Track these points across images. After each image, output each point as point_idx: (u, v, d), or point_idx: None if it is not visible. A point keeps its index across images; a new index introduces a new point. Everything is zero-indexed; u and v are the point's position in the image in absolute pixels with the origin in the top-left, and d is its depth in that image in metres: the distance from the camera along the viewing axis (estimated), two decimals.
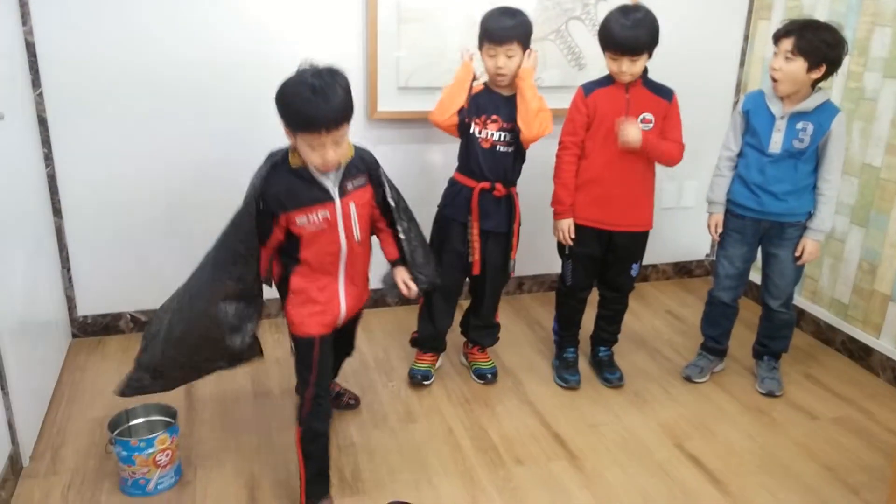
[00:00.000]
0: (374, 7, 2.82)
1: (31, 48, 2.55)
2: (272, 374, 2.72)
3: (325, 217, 1.90)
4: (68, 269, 2.82)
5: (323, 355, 1.99)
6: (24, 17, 2.52)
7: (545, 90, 2.95)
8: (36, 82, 2.59)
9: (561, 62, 3.11)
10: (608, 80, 2.50)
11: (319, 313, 1.99)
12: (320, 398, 1.98)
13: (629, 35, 2.35)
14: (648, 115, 2.47)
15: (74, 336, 2.92)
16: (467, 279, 2.67)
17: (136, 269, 2.89)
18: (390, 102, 2.94)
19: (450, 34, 2.92)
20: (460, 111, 2.45)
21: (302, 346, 1.99)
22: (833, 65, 2.36)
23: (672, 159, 2.53)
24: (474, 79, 2.47)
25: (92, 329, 2.93)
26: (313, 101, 1.74)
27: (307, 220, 1.89)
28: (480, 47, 2.42)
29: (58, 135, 2.67)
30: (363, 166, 2.01)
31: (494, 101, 2.46)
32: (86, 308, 2.90)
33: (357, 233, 1.96)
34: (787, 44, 2.35)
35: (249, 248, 1.88)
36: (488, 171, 2.47)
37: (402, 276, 2.13)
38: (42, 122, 2.64)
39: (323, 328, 2.00)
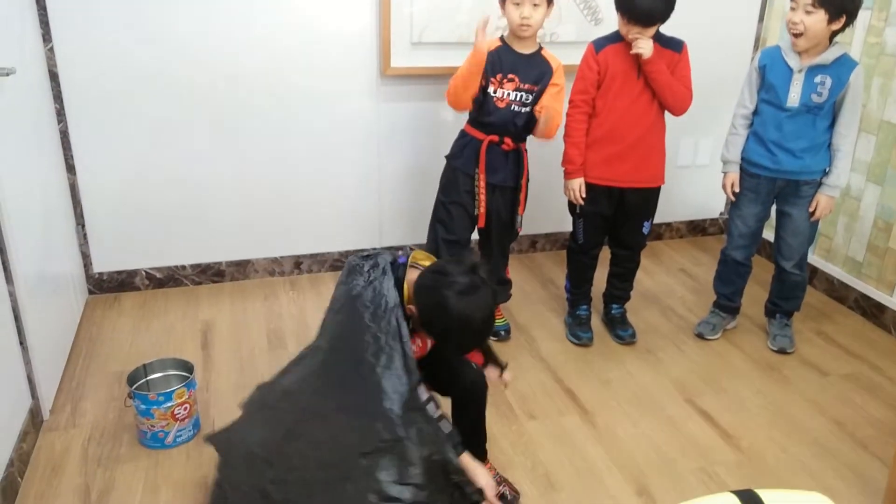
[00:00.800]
0: None
1: (40, 0, 2.51)
2: (287, 328, 2.74)
3: (418, 345, 1.83)
4: (83, 226, 2.82)
5: None
6: None
7: (560, 45, 2.93)
8: (47, 36, 2.56)
9: (577, 17, 3.05)
10: (619, 37, 2.45)
11: None
12: None
13: (645, 8, 2.30)
14: None
15: (90, 293, 2.94)
16: (476, 237, 2.67)
17: (150, 225, 2.90)
18: (403, 58, 2.90)
19: None
20: None
21: None
22: (851, 16, 2.33)
23: (679, 100, 2.47)
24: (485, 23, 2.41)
25: (108, 286, 2.95)
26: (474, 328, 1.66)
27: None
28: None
29: (70, 89, 2.64)
30: None
31: (512, 59, 2.43)
32: (101, 265, 2.91)
33: None
34: None
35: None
36: (499, 125, 2.46)
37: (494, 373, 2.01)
38: (53, 77, 2.60)
39: None
